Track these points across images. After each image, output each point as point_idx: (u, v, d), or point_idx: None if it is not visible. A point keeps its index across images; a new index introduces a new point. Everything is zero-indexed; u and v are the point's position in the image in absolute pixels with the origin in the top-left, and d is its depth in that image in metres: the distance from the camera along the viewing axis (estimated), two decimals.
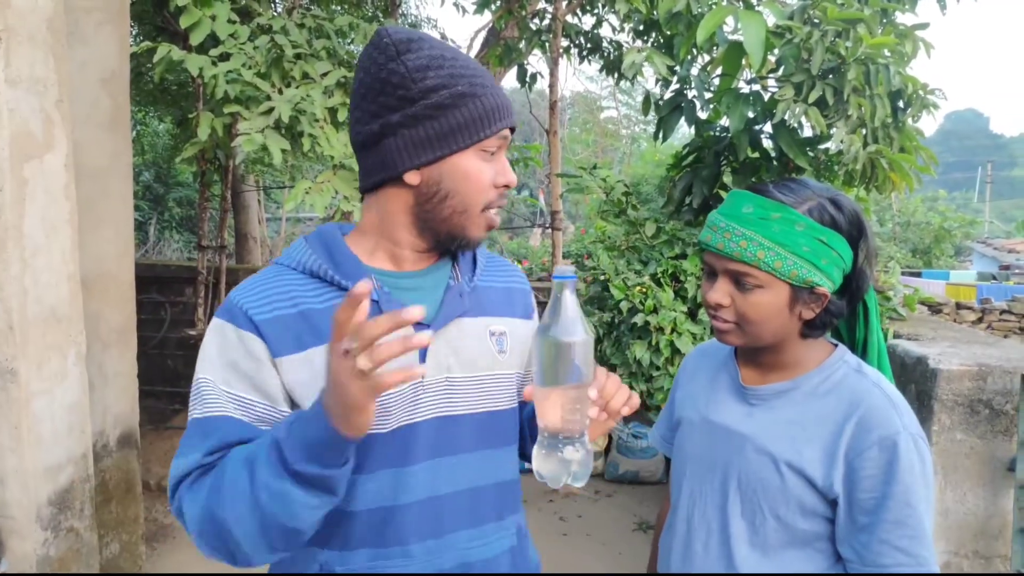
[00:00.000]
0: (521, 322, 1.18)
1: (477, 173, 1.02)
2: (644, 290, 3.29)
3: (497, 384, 1.11)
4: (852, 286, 1.15)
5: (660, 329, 3.20)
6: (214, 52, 2.89)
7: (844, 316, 1.18)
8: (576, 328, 0.95)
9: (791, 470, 1.11)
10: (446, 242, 1.06)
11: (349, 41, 3.53)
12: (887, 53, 2.96)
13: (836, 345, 1.21)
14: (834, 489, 1.09)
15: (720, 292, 1.14)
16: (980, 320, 8.90)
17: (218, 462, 0.96)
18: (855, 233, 1.12)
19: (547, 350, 0.95)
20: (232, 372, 0.99)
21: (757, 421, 1.17)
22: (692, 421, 1.27)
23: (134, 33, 7.05)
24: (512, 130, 1.07)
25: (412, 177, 1.01)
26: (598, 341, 3.49)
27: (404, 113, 0.99)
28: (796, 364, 1.17)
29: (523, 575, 1.16)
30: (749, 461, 1.15)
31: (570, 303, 0.96)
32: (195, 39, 2.77)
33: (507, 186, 1.05)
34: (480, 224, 1.05)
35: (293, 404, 1.00)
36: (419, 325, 1.00)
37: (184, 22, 2.77)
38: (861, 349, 1.26)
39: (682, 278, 3.35)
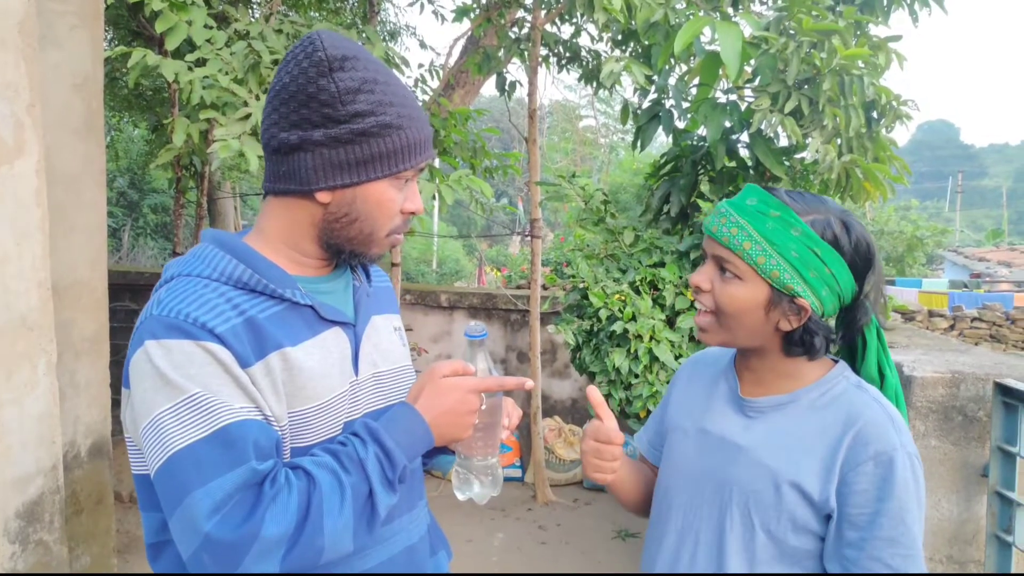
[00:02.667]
0: (400, 317, 1.26)
1: (388, 202, 1.04)
2: (623, 298, 3.30)
3: (408, 374, 1.19)
4: (848, 317, 1.14)
5: (639, 337, 3.21)
6: (190, 57, 2.86)
7: (834, 343, 1.16)
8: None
9: (788, 484, 1.09)
10: (348, 258, 1.09)
11: None
12: (861, 64, 3.01)
13: (836, 361, 1.19)
14: (830, 503, 1.08)
15: (703, 275, 1.14)
16: (952, 327, 9.05)
17: (274, 472, 0.93)
18: (860, 263, 1.10)
19: None
20: (216, 384, 0.93)
21: (754, 434, 1.15)
22: (686, 430, 1.25)
23: (109, 38, 6.97)
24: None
25: (323, 196, 1.01)
26: (577, 349, 3.50)
27: (327, 132, 0.98)
28: (794, 377, 1.16)
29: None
30: (744, 473, 1.13)
31: (480, 359, 1.09)
32: (171, 44, 2.74)
33: (413, 212, 1.08)
34: (383, 245, 1.08)
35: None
36: (345, 325, 1.08)
37: (159, 27, 2.74)
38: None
39: (660, 286, 3.37)
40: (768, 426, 1.14)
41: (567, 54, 4.74)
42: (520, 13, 4.72)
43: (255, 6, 5.92)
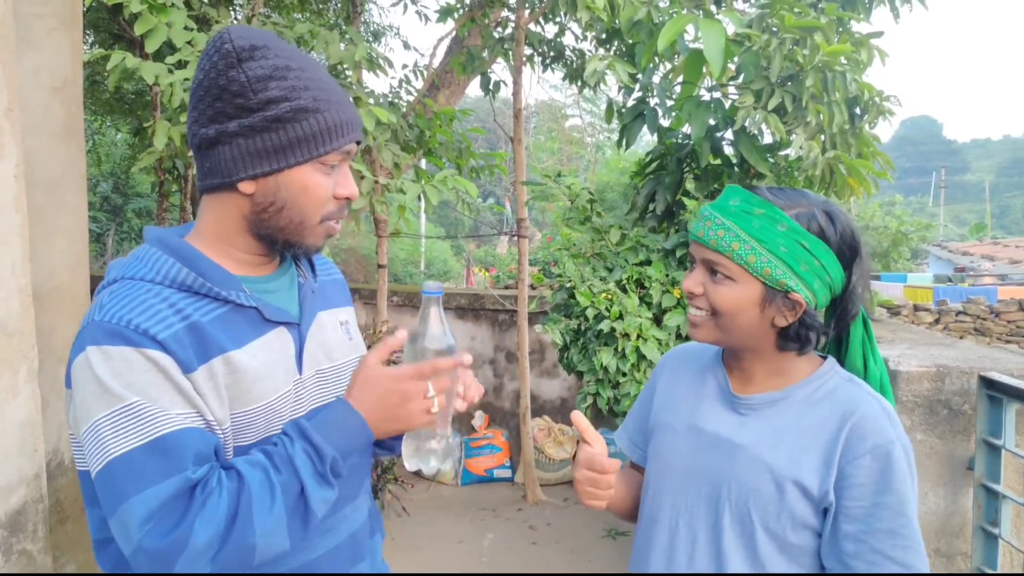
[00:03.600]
0: (352, 310, 1.27)
1: (315, 187, 1.03)
2: (609, 297, 3.30)
3: (352, 370, 1.17)
4: (840, 308, 1.14)
5: (626, 335, 3.21)
6: (171, 59, 2.83)
7: (826, 335, 1.16)
8: (441, 338, 1.07)
9: (790, 482, 1.09)
10: (283, 248, 1.08)
11: (309, 49, 3.50)
12: (843, 61, 3.02)
13: (825, 358, 1.19)
14: (828, 498, 1.08)
15: (694, 280, 1.14)
16: (937, 321, 9.12)
17: (207, 477, 0.93)
18: (847, 251, 1.11)
19: (415, 357, 1.07)
20: (155, 392, 0.93)
21: (750, 431, 1.14)
22: (675, 428, 1.23)
23: (89, 41, 6.91)
24: (359, 143, 1.08)
25: (247, 187, 1.01)
26: (564, 348, 3.49)
27: (241, 123, 0.98)
28: (785, 374, 1.16)
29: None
30: (742, 471, 1.12)
31: (435, 316, 1.08)
32: (150, 46, 2.72)
33: (348, 198, 1.07)
34: (318, 234, 1.07)
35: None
36: (290, 325, 1.08)
37: (138, 29, 2.71)
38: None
39: (647, 284, 3.37)
40: (763, 423, 1.14)
41: (551, 53, 4.73)
42: (504, 13, 4.71)
43: (236, 8, 5.88)
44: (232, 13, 5.13)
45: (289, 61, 1.01)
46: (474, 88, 6.26)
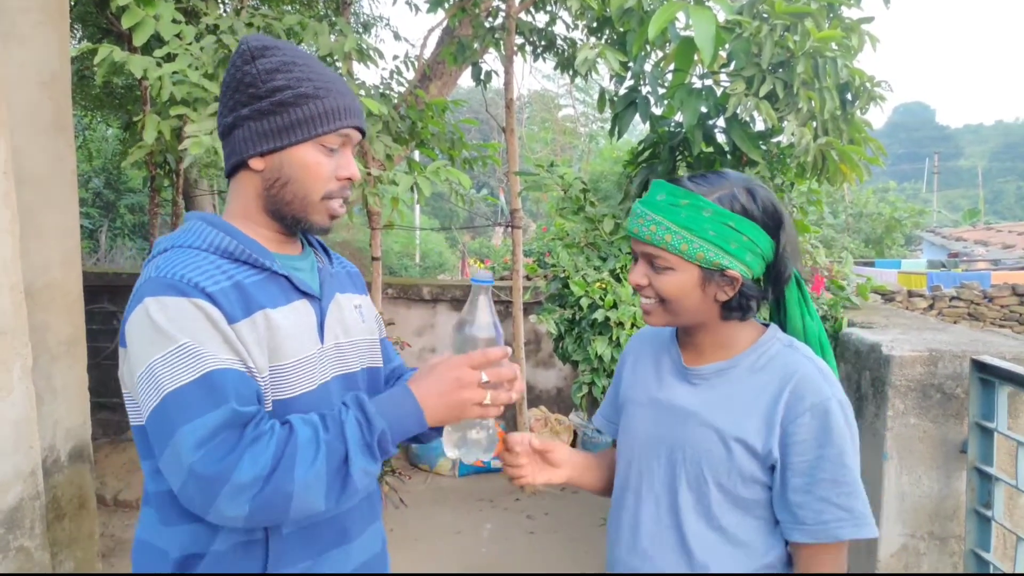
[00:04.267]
0: (367, 298, 1.41)
1: (315, 165, 1.16)
2: (603, 286, 3.31)
3: (368, 346, 1.33)
4: (774, 273, 1.24)
5: (620, 324, 3.21)
6: (159, 53, 2.81)
7: (766, 300, 1.27)
8: (488, 327, 1.14)
9: (735, 441, 1.20)
10: (292, 225, 1.21)
11: (299, 41, 3.48)
12: (834, 47, 3.01)
13: (767, 326, 1.30)
14: (773, 455, 1.18)
15: (638, 274, 1.24)
16: (931, 307, 9.14)
17: (257, 417, 1.03)
18: (771, 222, 1.20)
19: (463, 345, 1.14)
20: (204, 336, 1.04)
21: (701, 398, 1.26)
22: (640, 402, 1.36)
23: (78, 35, 6.86)
24: (362, 132, 1.23)
25: (257, 163, 1.16)
26: (559, 338, 3.50)
27: (252, 108, 1.15)
28: (730, 344, 1.27)
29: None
30: (694, 434, 1.24)
31: (484, 305, 1.15)
32: (138, 40, 2.69)
33: (349, 179, 1.20)
34: (321, 211, 1.19)
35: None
36: (311, 298, 1.21)
37: (126, 22, 2.69)
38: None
39: None
40: (712, 391, 1.25)
41: (543, 43, 4.71)
42: (495, 2, 4.69)
43: (225, 1, 5.84)
44: (221, 6, 5.09)
45: (296, 58, 1.17)
46: (466, 79, 6.24)
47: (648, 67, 3.67)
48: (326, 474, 1.01)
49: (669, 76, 3.59)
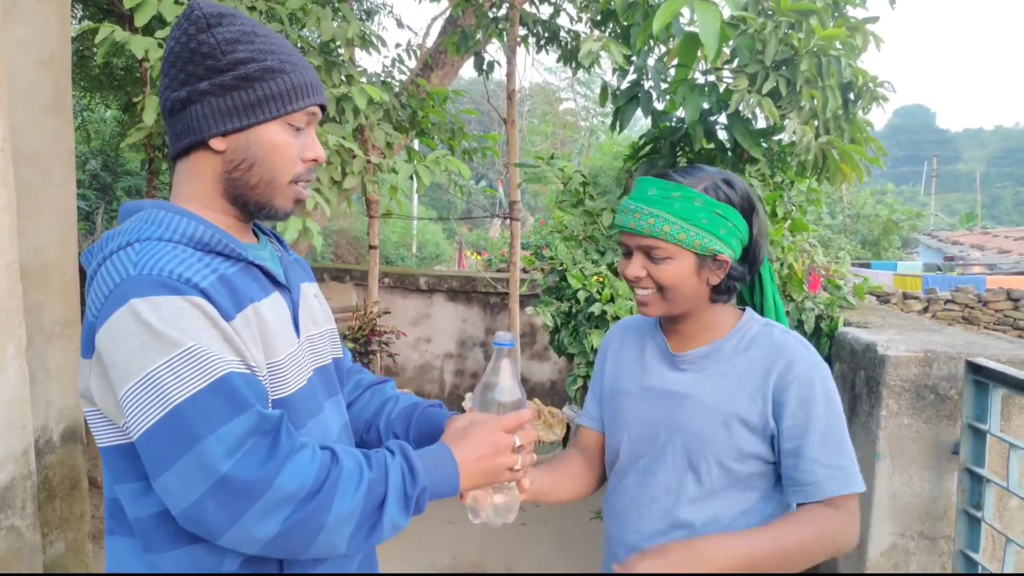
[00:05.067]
0: (317, 286, 1.32)
1: (284, 145, 1.07)
2: (601, 279, 3.30)
3: (331, 336, 1.26)
4: (750, 256, 1.32)
5: (617, 318, 3.21)
6: (160, 34, 2.80)
7: (746, 282, 1.36)
8: (513, 390, 1.14)
9: (733, 418, 1.26)
10: (255, 211, 1.10)
11: (302, 27, 3.46)
12: (838, 45, 3.01)
13: (743, 309, 1.38)
14: (769, 425, 1.26)
15: (636, 266, 1.29)
16: (926, 309, 9.17)
17: (285, 423, 0.95)
18: (747, 207, 1.29)
19: (489, 408, 1.13)
20: (207, 337, 0.94)
21: (692, 381, 1.32)
22: (630, 392, 1.40)
23: (79, 15, 6.81)
24: (323, 109, 1.13)
25: (218, 143, 1.05)
26: (555, 331, 3.50)
27: (212, 82, 1.03)
28: (712, 328, 1.34)
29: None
30: (690, 417, 1.29)
31: (507, 368, 1.15)
32: (140, 20, 2.68)
33: (315, 160, 1.11)
34: (287, 196, 1.10)
35: None
36: (283, 289, 1.12)
37: (128, 2, 2.67)
38: (760, 311, 1.46)
39: None
40: (701, 374, 1.31)
41: (546, 34, 4.70)
42: None
43: None
44: None
45: (255, 28, 1.07)
46: (468, 69, 6.22)
47: (651, 62, 3.66)
48: (360, 513, 0.95)
49: (672, 71, 3.58)
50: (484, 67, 4.73)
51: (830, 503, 1.22)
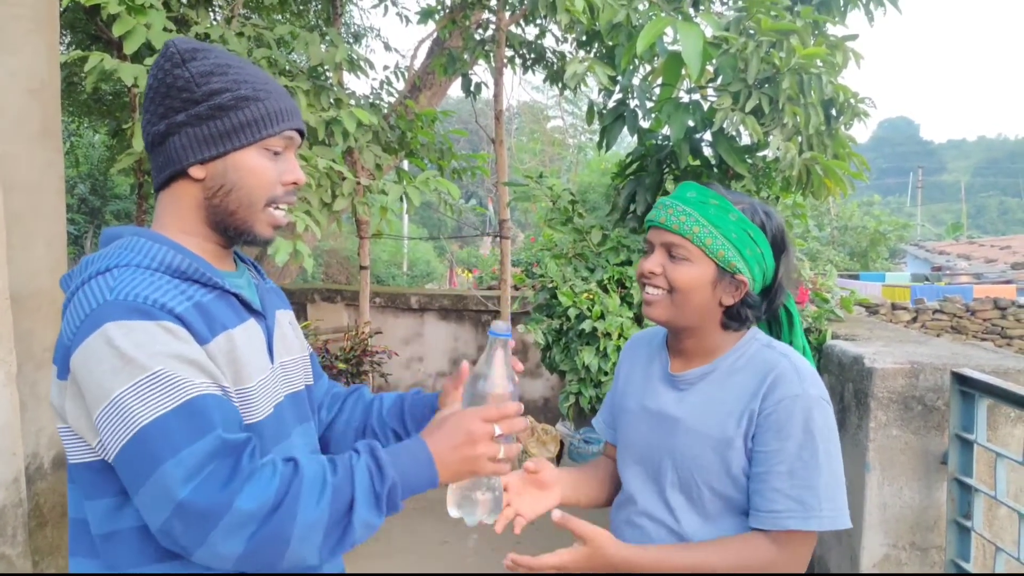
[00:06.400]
0: (292, 312, 1.33)
1: (261, 169, 1.10)
2: (591, 296, 3.32)
3: (303, 363, 1.27)
4: (771, 293, 1.31)
5: (607, 335, 3.23)
6: (149, 61, 2.82)
7: (761, 316, 1.33)
8: (504, 382, 1.10)
9: (722, 442, 1.23)
10: (235, 237, 1.13)
11: (290, 51, 3.49)
12: (819, 63, 3.06)
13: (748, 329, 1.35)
14: (749, 445, 1.22)
15: (654, 261, 1.28)
16: (914, 320, 9.24)
17: (250, 447, 0.96)
18: (779, 243, 1.28)
19: (477, 399, 1.10)
20: (177, 362, 0.96)
21: (687, 404, 1.29)
22: (632, 411, 1.39)
23: (67, 42, 6.84)
24: (302, 134, 1.16)
25: (198, 171, 1.08)
26: (547, 348, 3.51)
27: (189, 113, 1.06)
28: (715, 349, 1.31)
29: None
30: (682, 441, 1.27)
31: (500, 359, 1.11)
32: (129, 48, 2.70)
33: (295, 183, 1.14)
34: (264, 220, 1.12)
35: None
36: (258, 316, 1.15)
37: (117, 30, 2.69)
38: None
39: (628, 284, 3.39)
40: (697, 396, 1.29)
41: (532, 55, 4.75)
42: (485, 15, 4.72)
43: (216, 9, 5.84)
44: (211, 14, 5.10)
45: (229, 60, 1.10)
46: (455, 89, 6.27)
47: (636, 81, 3.72)
48: (328, 519, 0.95)
49: (657, 90, 3.63)
50: (471, 88, 4.77)
51: (775, 538, 1.18)
